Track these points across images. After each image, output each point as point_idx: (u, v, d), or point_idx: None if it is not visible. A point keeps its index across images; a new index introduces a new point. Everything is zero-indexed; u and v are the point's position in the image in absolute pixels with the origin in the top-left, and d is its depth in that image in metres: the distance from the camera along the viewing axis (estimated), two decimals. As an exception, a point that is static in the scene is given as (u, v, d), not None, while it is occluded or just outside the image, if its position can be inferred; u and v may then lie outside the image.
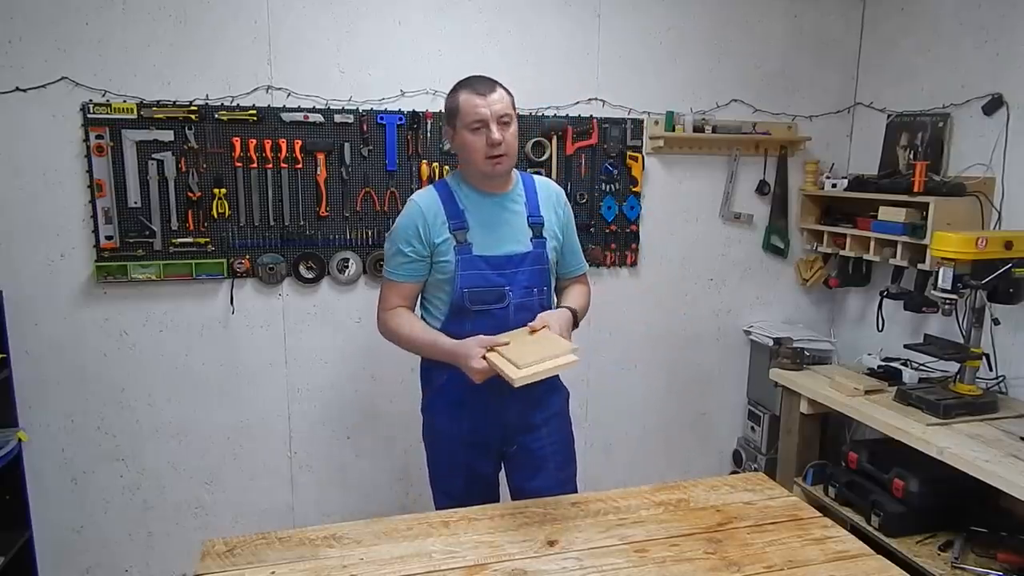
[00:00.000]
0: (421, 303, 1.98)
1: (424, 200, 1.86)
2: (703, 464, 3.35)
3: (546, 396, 1.98)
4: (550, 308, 1.93)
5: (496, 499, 2.02)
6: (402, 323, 1.88)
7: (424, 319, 1.94)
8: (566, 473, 2.02)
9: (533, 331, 1.75)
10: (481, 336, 1.72)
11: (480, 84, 1.81)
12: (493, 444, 1.98)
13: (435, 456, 2.05)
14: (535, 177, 2.00)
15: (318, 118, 2.63)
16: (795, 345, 2.95)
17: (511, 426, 1.95)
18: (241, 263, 2.65)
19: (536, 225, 1.91)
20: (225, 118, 2.55)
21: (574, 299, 1.99)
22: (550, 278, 1.95)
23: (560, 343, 1.68)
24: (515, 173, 1.96)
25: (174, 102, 2.51)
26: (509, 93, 1.84)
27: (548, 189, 1.99)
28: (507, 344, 1.69)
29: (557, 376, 1.95)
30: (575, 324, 1.91)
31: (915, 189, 2.62)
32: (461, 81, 1.85)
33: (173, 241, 2.59)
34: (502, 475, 2.07)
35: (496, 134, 1.77)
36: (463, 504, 1.75)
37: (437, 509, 1.96)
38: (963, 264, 2.30)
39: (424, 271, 1.88)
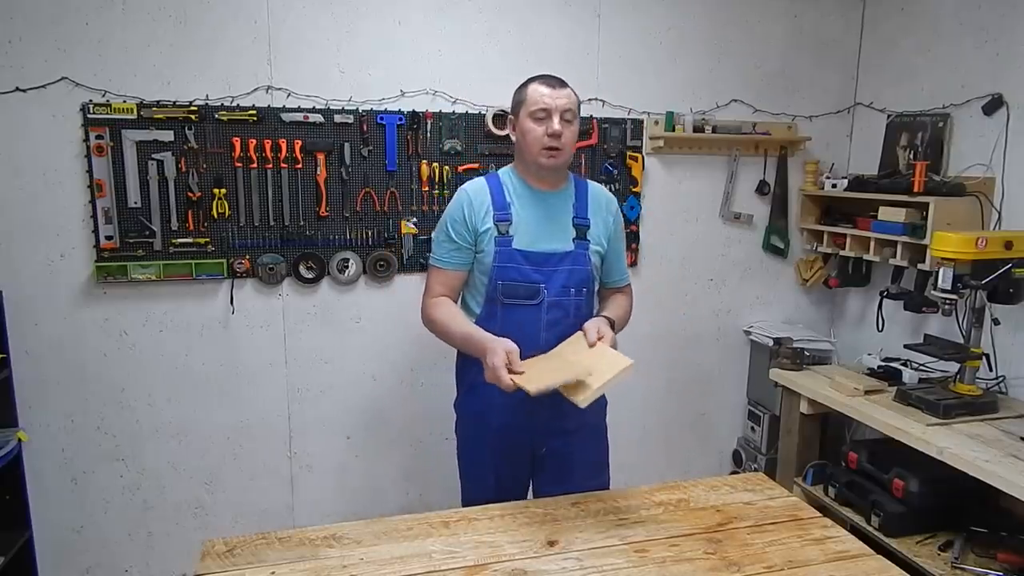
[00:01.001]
0: (464, 291, 1.98)
1: (473, 188, 1.91)
2: (703, 464, 3.35)
3: None
4: (586, 310, 1.92)
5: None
6: (442, 313, 1.88)
7: (465, 306, 1.96)
8: (595, 483, 1.95)
9: (590, 344, 1.74)
10: (514, 347, 1.67)
11: (551, 79, 1.87)
12: (523, 446, 1.96)
13: (466, 454, 2.05)
14: (589, 182, 2.01)
15: (318, 118, 2.63)
16: (795, 345, 2.95)
17: (542, 430, 1.93)
18: (241, 263, 2.65)
19: (581, 227, 1.91)
20: (225, 118, 2.55)
21: (613, 309, 1.98)
22: (590, 282, 1.93)
23: (609, 353, 1.68)
24: (570, 176, 1.97)
25: (174, 102, 2.51)
26: (576, 95, 1.88)
27: (601, 196, 1.99)
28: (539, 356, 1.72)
29: None
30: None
31: (915, 189, 2.62)
32: (533, 76, 1.89)
33: (173, 241, 2.59)
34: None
35: (557, 125, 1.80)
36: (493, 501, 1.74)
37: (464, 504, 1.97)
38: (963, 264, 2.30)
39: (469, 260, 1.91)
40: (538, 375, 1.62)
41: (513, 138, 1.93)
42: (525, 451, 1.97)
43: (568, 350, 1.77)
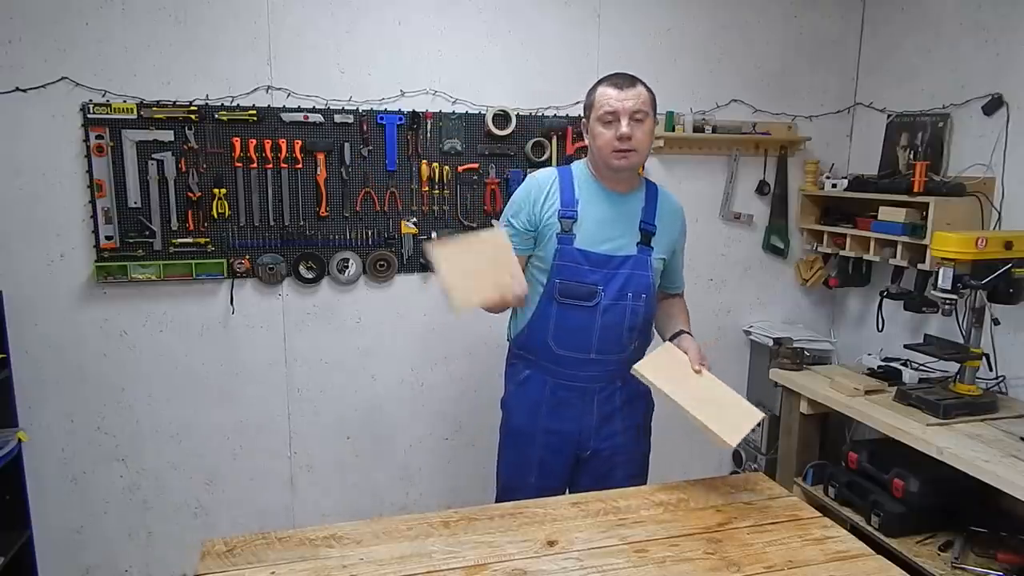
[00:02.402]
0: None
1: (542, 177, 1.89)
2: (703, 464, 3.34)
3: (628, 405, 1.98)
4: (643, 317, 1.91)
5: None
6: None
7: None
8: (634, 483, 1.97)
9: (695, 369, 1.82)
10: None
11: (620, 78, 1.82)
12: (569, 446, 1.96)
13: (509, 451, 2.04)
14: (660, 188, 1.99)
15: (318, 118, 2.63)
16: (795, 345, 2.95)
17: (589, 430, 1.94)
18: (241, 263, 2.65)
19: (647, 232, 1.89)
20: (225, 118, 2.55)
21: (685, 320, 2.00)
22: (650, 288, 1.91)
23: (741, 401, 1.78)
24: (642, 179, 1.96)
25: (174, 102, 2.51)
26: (650, 91, 1.85)
27: (670, 203, 1.98)
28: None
29: (643, 386, 1.94)
30: None
31: (915, 189, 2.62)
32: (604, 76, 1.87)
33: (173, 241, 2.59)
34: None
35: (625, 128, 1.78)
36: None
37: (498, 500, 1.98)
38: (963, 264, 2.30)
39: (529, 247, 1.89)
40: (714, 416, 1.71)
41: (586, 140, 1.90)
42: (570, 451, 1.97)
43: (676, 365, 1.82)
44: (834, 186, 3.01)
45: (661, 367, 1.79)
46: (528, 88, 2.84)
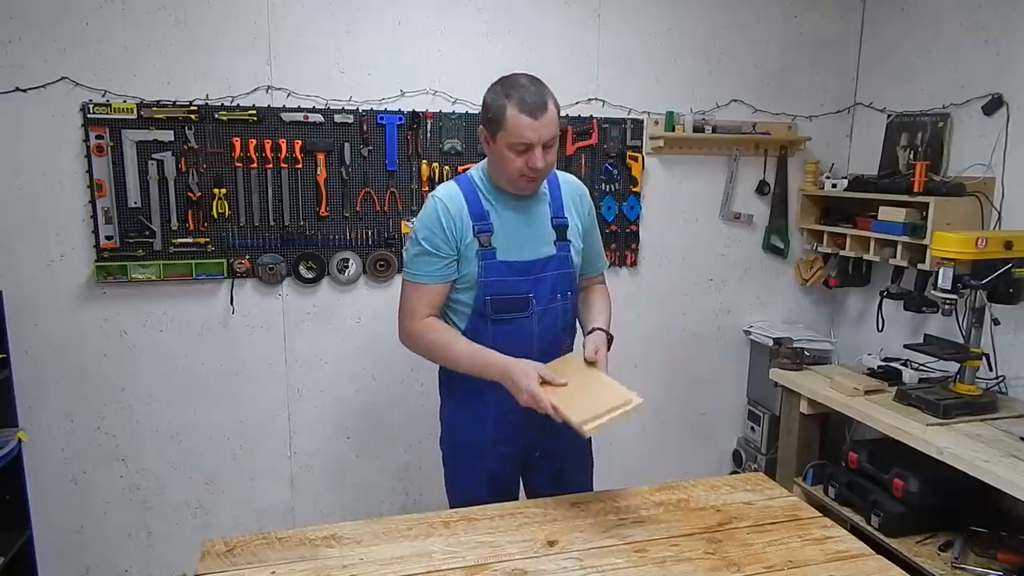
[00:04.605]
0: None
1: (446, 195, 1.75)
2: (703, 464, 3.34)
3: None
4: (572, 313, 1.87)
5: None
6: (440, 337, 1.76)
7: (447, 321, 1.83)
8: (583, 477, 2.00)
9: (589, 362, 1.72)
10: (539, 365, 1.66)
11: (532, 100, 1.64)
12: (517, 451, 1.92)
13: (456, 465, 1.96)
14: (558, 173, 1.88)
15: (318, 118, 2.63)
16: (795, 345, 2.95)
17: (536, 434, 1.89)
18: (241, 263, 2.65)
19: (560, 227, 1.82)
20: (225, 118, 2.55)
21: (603, 317, 1.89)
22: (574, 283, 1.86)
23: (619, 390, 1.63)
24: None
25: (174, 102, 2.51)
26: (556, 105, 1.71)
27: (571, 186, 1.89)
28: (565, 385, 1.64)
29: None
30: (609, 344, 1.82)
31: (915, 189, 2.62)
32: (510, 86, 1.67)
33: (173, 241, 2.59)
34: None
35: (540, 161, 1.66)
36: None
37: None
38: (963, 264, 2.30)
39: (452, 272, 1.75)
40: (574, 405, 1.59)
41: (485, 148, 1.75)
42: (518, 457, 1.94)
43: (571, 369, 1.72)
44: (834, 186, 3.01)
45: (578, 401, 1.65)
46: (528, 88, 2.84)
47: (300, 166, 2.64)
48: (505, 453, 1.90)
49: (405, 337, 1.82)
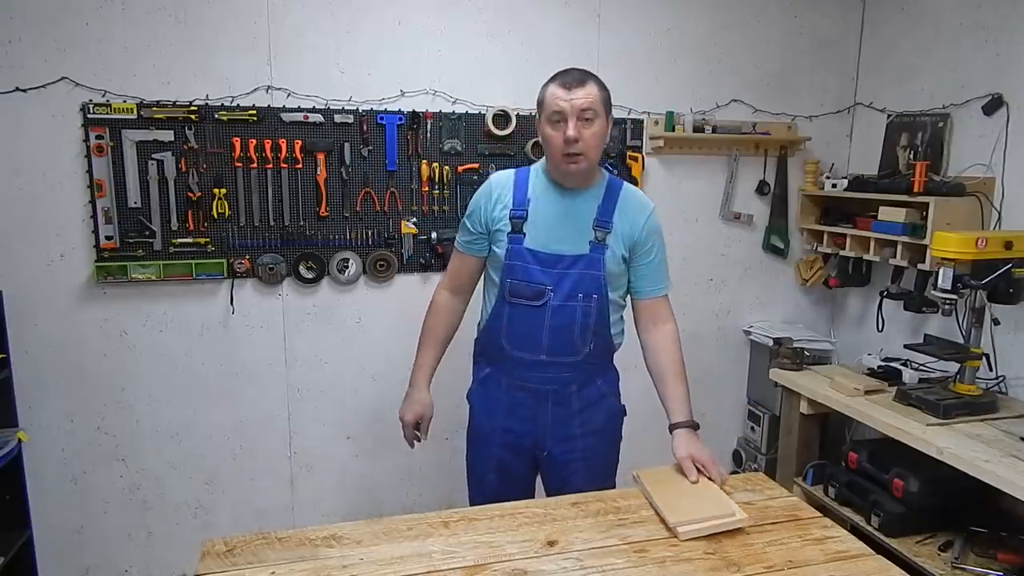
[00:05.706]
0: (484, 282, 1.98)
1: (497, 179, 1.89)
2: (703, 464, 3.34)
3: (589, 410, 1.93)
4: (595, 319, 1.84)
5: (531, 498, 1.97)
6: (427, 320, 2.03)
7: (484, 298, 1.97)
8: (597, 488, 1.95)
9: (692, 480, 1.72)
10: (429, 413, 2.01)
11: (568, 76, 1.75)
12: (526, 446, 1.94)
13: (470, 448, 2.06)
14: (626, 185, 1.89)
15: (318, 118, 2.63)
16: (795, 345, 2.95)
17: (545, 432, 1.91)
18: (241, 263, 2.65)
19: (602, 230, 1.81)
20: (225, 118, 2.55)
21: (679, 400, 1.92)
22: (602, 289, 1.83)
23: (724, 501, 1.62)
24: (603, 175, 1.87)
25: (174, 102, 2.51)
26: (603, 88, 1.76)
27: (635, 200, 1.87)
28: None
29: (611, 395, 1.98)
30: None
31: (915, 189, 2.62)
32: (556, 73, 1.80)
33: (173, 241, 2.59)
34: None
35: (572, 130, 1.69)
36: (496, 500, 1.73)
37: (471, 502, 1.97)
38: (963, 264, 2.30)
39: (481, 248, 1.91)
40: (678, 506, 1.60)
41: (540, 139, 1.84)
42: (528, 452, 1.96)
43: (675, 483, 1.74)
44: (834, 186, 3.01)
45: (660, 479, 1.74)
46: (528, 88, 2.81)
47: (300, 166, 2.64)
48: (511, 443, 1.94)
49: (433, 294, 2.06)
